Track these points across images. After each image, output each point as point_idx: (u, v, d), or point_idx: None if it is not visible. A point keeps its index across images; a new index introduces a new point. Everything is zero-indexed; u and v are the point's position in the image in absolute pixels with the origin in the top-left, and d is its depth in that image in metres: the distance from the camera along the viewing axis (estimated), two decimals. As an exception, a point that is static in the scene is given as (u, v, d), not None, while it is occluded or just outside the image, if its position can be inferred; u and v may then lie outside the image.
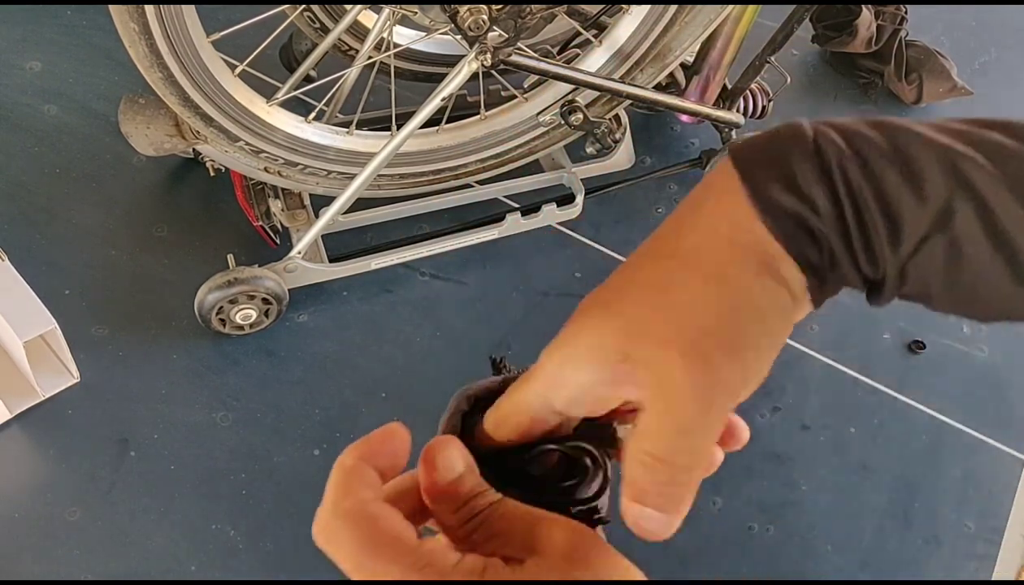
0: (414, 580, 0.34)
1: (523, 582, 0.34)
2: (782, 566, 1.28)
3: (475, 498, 0.38)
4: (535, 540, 0.35)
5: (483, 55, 1.20)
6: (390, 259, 1.41)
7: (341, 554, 0.36)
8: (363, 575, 0.35)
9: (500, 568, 0.34)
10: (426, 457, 0.38)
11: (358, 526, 0.36)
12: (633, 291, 0.38)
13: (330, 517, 0.37)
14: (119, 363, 1.32)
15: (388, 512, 0.36)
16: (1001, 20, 2.02)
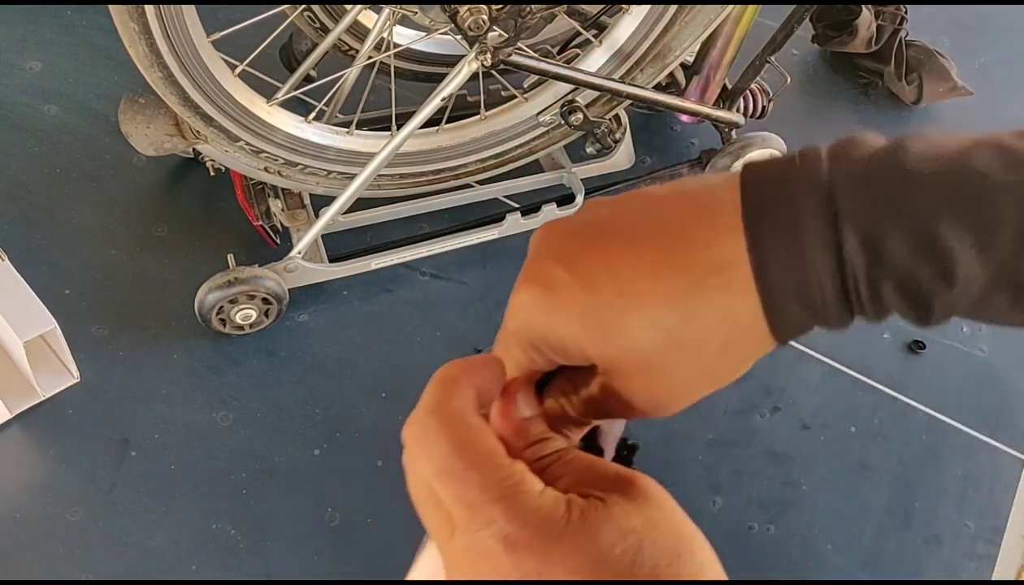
0: (497, 495, 0.34)
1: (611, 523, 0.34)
2: (782, 566, 1.28)
3: (544, 441, 0.38)
4: (611, 483, 0.36)
5: (483, 55, 1.20)
6: (390, 259, 1.41)
7: (431, 454, 0.35)
8: (447, 479, 0.35)
9: (582, 503, 0.35)
10: (508, 390, 0.39)
11: (455, 429, 0.35)
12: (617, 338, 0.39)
13: (427, 416, 0.36)
14: (119, 363, 1.32)
15: (484, 426, 0.36)
16: (1001, 20, 2.02)
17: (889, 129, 1.79)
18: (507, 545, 0.33)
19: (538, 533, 0.33)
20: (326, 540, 1.22)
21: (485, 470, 0.34)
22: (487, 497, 0.34)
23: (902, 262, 0.36)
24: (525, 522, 0.33)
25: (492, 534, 0.33)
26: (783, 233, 0.37)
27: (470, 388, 0.37)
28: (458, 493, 0.34)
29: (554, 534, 0.33)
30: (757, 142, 1.52)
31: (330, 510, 1.24)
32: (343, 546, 1.22)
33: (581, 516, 0.34)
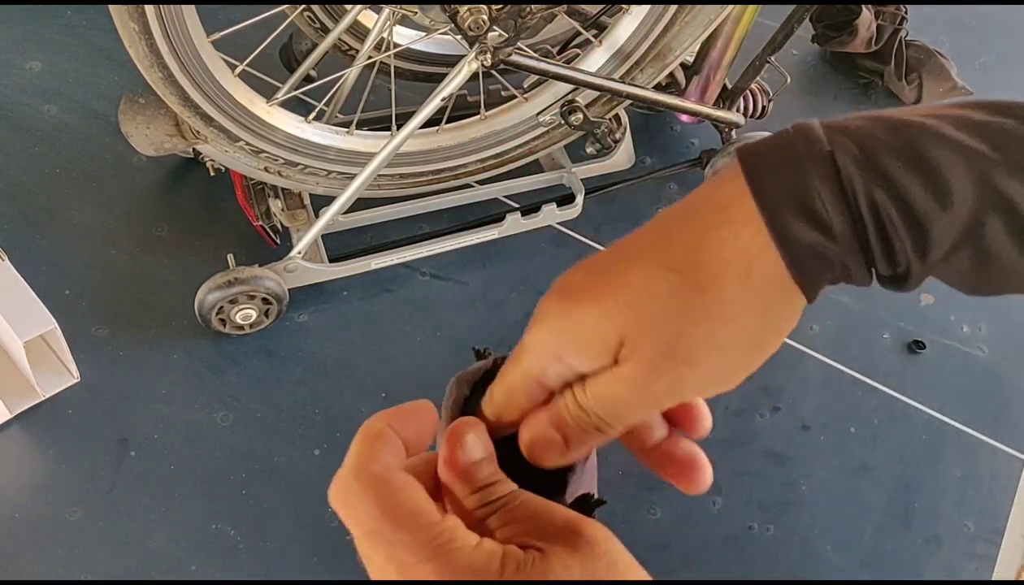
0: (428, 555, 0.33)
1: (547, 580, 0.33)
2: (782, 566, 1.28)
3: (493, 485, 0.37)
4: (555, 532, 0.35)
5: (483, 55, 1.20)
6: (390, 259, 1.41)
7: (357, 518, 0.35)
8: (376, 543, 0.34)
9: (519, 555, 0.34)
10: (452, 434, 0.38)
11: (380, 491, 0.35)
12: (630, 292, 0.38)
13: (351, 479, 0.35)
14: (119, 363, 1.32)
15: (412, 483, 0.35)
16: (1001, 20, 2.02)
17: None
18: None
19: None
20: (326, 540, 1.22)
21: (414, 530, 0.34)
22: (417, 557, 0.33)
23: (896, 177, 0.36)
24: (458, 579, 0.33)
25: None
26: (780, 164, 0.37)
27: (395, 441, 0.37)
28: (388, 555, 0.34)
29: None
30: (757, 142, 1.51)
31: (330, 510, 1.24)
32: (343, 546, 1.22)
33: (517, 570, 0.33)
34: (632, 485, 1.29)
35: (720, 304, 0.37)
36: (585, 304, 0.39)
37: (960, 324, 1.54)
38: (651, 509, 1.29)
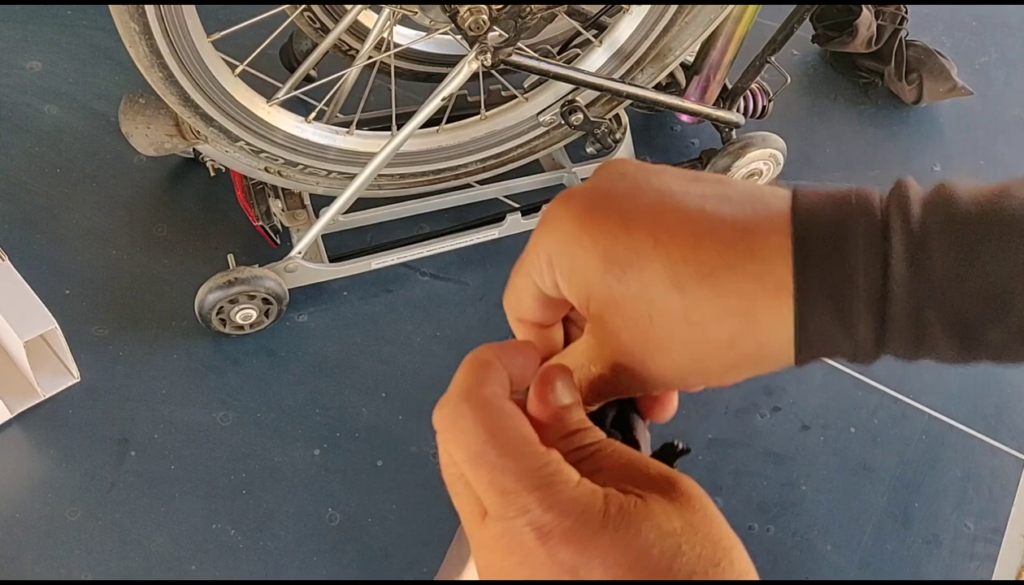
0: (533, 484, 0.32)
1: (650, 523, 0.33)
2: (782, 566, 1.28)
3: (584, 430, 0.37)
4: (651, 481, 0.34)
5: (483, 55, 1.20)
6: (390, 259, 1.41)
7: (462, 439, 0.34)
8: (480, 467, 0.33)
9: (621, 497, 0.33)
10: (545, 376, 0.37)
11: (490, 415, 0.34)
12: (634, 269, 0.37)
13: (459, 400, 0.34)
14: (119, 363, 1.32)
15: (519, 413, 0.35)
16: (1001, 20, 2.02)
17: (889, 129, 1.79)
18: (541, 535, 0.32)
19: (575, 524, 0.32)
20: (326, 540, 1.22)
21: (520, 457, 0.33)
22: (522, 485, 0.33)
23: (948, 274, 0.34)
24: (562, 512, 0.32)
25: (527, 522, 0.32)
26: (829, 240, 0.35)
27: (502, 372, 0.36)
28: (492, 480, 0.33)
29: (592, 527, 0.32)
30: (757, 142, 1.52)
31: (330, 510, 1.24)
32: (343, 546, 1.22)
33: (620, 512, 0.33)
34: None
35: (700, 344, 0.36)
36: (586, 239, 0.37)
37: (960, 324, 1.54)
38: (651, 509, 1.29)
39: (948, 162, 1.75)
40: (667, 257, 0.36)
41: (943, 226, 0.34)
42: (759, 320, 0.35)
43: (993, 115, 1.84)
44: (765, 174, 1.57)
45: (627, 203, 0.37)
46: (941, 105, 1.82)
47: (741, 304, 0.35)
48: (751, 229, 0.36)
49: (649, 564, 0.32)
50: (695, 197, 0.37)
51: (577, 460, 0.35)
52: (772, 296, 0.35)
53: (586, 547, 0.32)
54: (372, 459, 1.29)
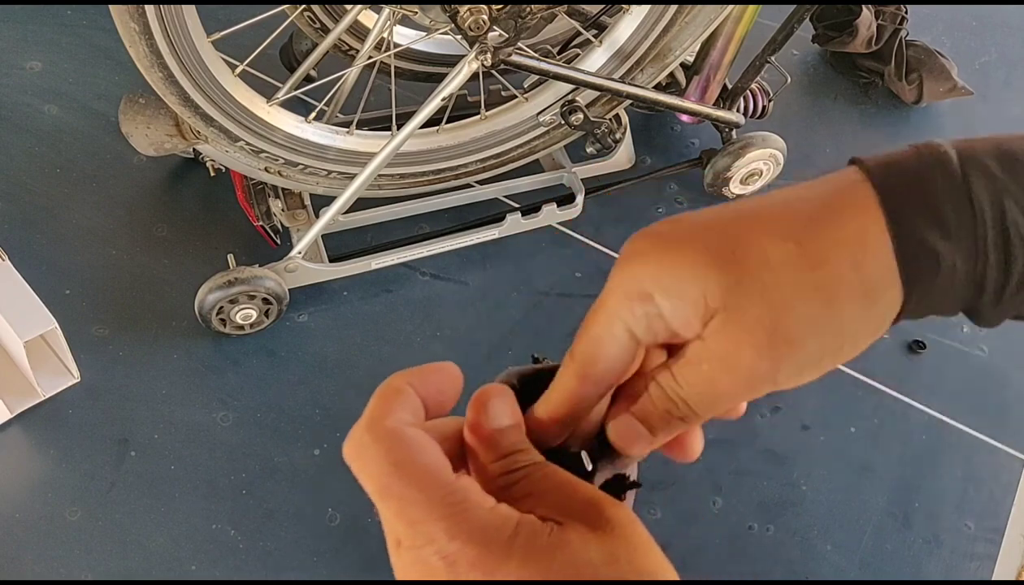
0: (440, 514, 0.32)
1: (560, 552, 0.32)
2: (782, 566, 1.28)
3: (518, 453, 0.36)
4: (578, 508, 0.34)
5: (483, 55, 1.20)
6: (390, 259, 1.41)
7: (368, 473, 0.34)
8: (387, 499, 0.33)
9: (536, 524, 0.33)
10: (478, 399, 0.37)
11: (393, 446, 0.34)
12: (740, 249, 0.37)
13: (364, 432, 0.34)
14: (119, 363, 1.32)
15: (425, 440, 0.35)
16: (1001, 20, 2.02)
17: (889, 129, 1.79)
18: (448, 563, 0.32)
19: (482, 552, 0.32)
20: (326, 540, 1.22)
21: (425, 487, 0.33)
22: (428, 515, 0.33)
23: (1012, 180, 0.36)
24: (468, 540, 0.32)
25: (434, 552, 0.32)
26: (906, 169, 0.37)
27: (414, 399, 0.36)
28: (399, 510, 0.33)
29: (499, 554, 0.32)
30: (757, 142, 1.52)
31: (330, 510, 1.24)
32: (343, 546, 1.22)
33: (530, 538, 0.32)
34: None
35: (830, 285, 0.36)
36: (687, 250, 0.36)
37: (960, 324, 1.54)
38: (651, 509, 1.29)
39: (948, 162, 1.75)
40: (773, 231, 0.36)
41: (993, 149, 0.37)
42: (869, 247, 0.36)
43: (993, 115, 1.84)
44: (765, 174, 1.57)
45: (709, 219, 0.38)
46: (941, 105, 1.82)
47: (852, 234, 0.36)
48: (837, 191, 0.37)
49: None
50: (766, 197, 0.38)
51: (508, 484, 0.35)
52: (878, 226, 0.36)
53: (493, 573, 0.32)
54: (372, 459, 1.29)
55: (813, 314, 0.36)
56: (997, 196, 0.36)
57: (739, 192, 1.59)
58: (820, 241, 0.36)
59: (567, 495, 0.35)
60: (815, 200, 0.37)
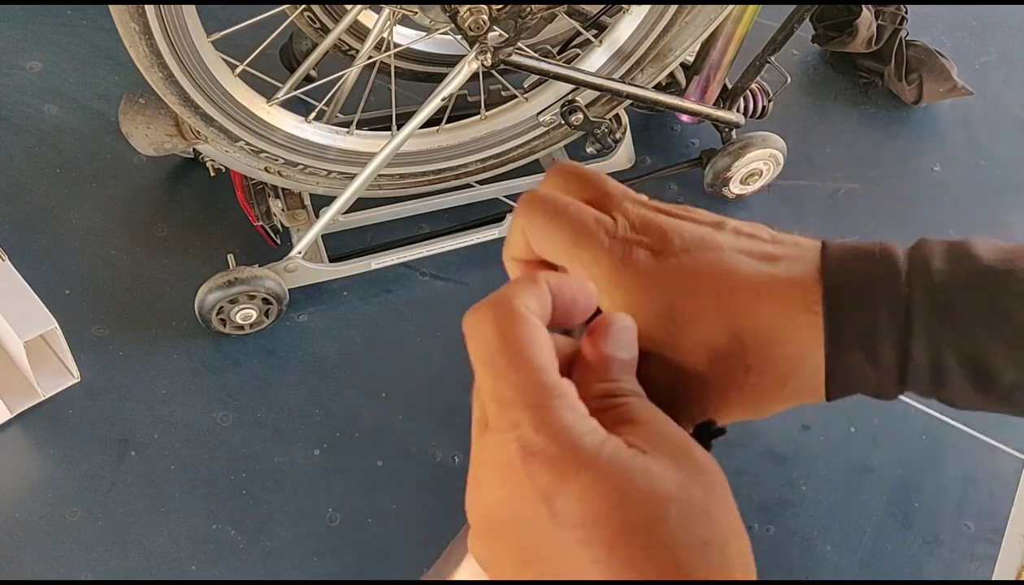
0: (529, 401, 0.31)
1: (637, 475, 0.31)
2: (782, 566, 1.28)
3: (627, 382, 0.35)
4: (666, 444, 0.33)
5: (483, 55, 1.20)
6: (390, 259, 1.41)
7: (479, 343, 0.33)
8: (487, 372, 0.32)
9: (622, 445, 0.32)
10: (603, 320, 0.36)
11: (509, 324, 0.33)
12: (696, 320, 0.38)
13: (488, 304, 0.33)
14: (119, 363, 1.32)
15: (544, 333, 0.33)
16: (1001, 20, 2.02)
17: (889, 129, 1.79)
18: (526, 454, 0.31)
19: (562, 452, 0.31)
20: (326, 540, 1.22)
21: (527, 372, 0.32)
22: (520, 400, 0.31)
23: (969, 330, 0.38)
24: (552, 436, 0.31)
25: (515, 438, 0.31)
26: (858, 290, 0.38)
27: (546, 294, 0.34)
28: (494, 389, 0.32)
29: (579, 460, 0.31)
30: (757, 142, 1.52)
31: (330, 510, 1.24)
32: (343, 546, 1.22)
33: (613, 455, 0.31)
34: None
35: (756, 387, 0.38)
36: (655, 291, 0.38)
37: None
38: (651, 509, 1.29)
39: (948, 162, 1.75)
40: (726, 315, 0.38)
41: (964, 277, 0.37)
42: (806, 363, 0.38)
43: (993, 115, 1.83)
44: (765, 174, 1.57)
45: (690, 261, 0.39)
46: (941, 105, 1.82)
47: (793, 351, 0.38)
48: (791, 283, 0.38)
49: (628, 516, 0.30)
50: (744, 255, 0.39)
51: (605, 407, 0.34)
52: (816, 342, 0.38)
53: (567, 478, 0.31)
54: (372, 459, 1.29)
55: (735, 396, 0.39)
56: (932, 338, 0.37)
57: (739, 192, 1.59)
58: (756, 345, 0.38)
59: (661, 432, 0.34)
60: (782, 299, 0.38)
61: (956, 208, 1.69)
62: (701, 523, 0.32)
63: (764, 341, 0.38)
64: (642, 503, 0.31)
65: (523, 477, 0.31)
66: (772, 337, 0.38)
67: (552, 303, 0.34)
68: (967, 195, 1.71)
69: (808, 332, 0.38)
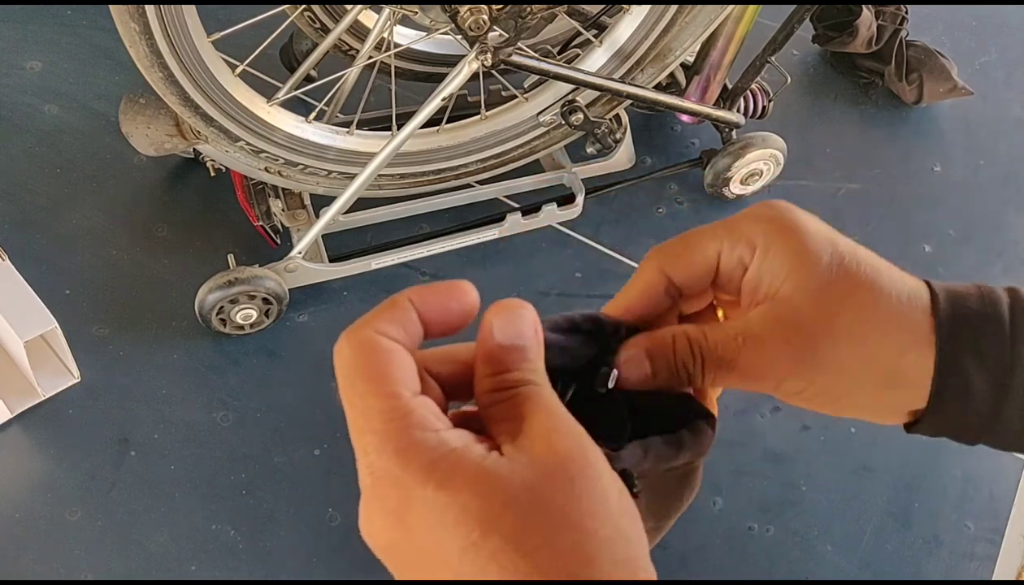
0: (378, 426, 0.32)
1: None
2: (782, 566, 1.28)
3: (519, 370, 0.35)
4: (536, 434, 0.33)
5: (483, 55, 1.20)
6: (390, 259, 1.41)
7: (338, 375, 0.34)
8: (345, 405, 0.33)
9: (472, 450, 0.32)
10: (501, 307, 0.36)
11: (359, 353, 0.33)
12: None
13: (343, 337, 0.34)
14: (119, 363, 1.32)
15: (399, 355, 0.33)
16: (1001, 20, 2.02)
17: (889, 129, 1.79)
18: (374, 479, 0.32)
19: (402, 472, 0.31)
20: (326, 540, 1.22)
21: (373, 399, 0.32)
22: (367, 426, 0.32)
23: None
24: (393, 457, 0.31)
25: (366, 465, 0.32)
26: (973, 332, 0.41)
27: (408, 314, 0.34)
28: (349, 418, 0.33)
29: (418, 477, 0.31)
30: (757, 142, 1.52)
31: (330, 510, 1.24)
32: (343, 546, 1.22)
33: (457, 462, 0.31)
34: (632, 485, 1.30)
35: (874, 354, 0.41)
36: (811, 247, 0.41)
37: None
38: (651, 509, 1.29)
39: (948, 162, 1.75)
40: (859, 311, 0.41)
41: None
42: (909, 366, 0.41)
43: (993, 115, 1.84)
44: (765, 174, 1.57)
45: (844, 244, 0.42)
46: (941, 105, 1.82)
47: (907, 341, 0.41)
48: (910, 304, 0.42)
49: (473, 521, 0.30)
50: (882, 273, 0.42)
51: (492, 402, 0.34)
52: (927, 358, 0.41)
53: (410, 495, 0.31)
54: (372, 459, 1.29)
55: (849, 365, 0.41)
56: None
57: (739, 192, 1.59)
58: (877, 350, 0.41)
59: (534, 429, 0.33)
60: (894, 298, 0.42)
61: (956, 208, 1.69)
62: (548, 520, 0.31)
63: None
64: (475, 508, 0.31)
65: (376, 502, 0.32)
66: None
67: (422, 316, 0.35)
68: (967, 195, 1.71)
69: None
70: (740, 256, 0.41)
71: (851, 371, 0.41)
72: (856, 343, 0.40)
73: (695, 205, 1.61)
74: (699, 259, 0.42)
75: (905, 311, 0.41)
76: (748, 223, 0.42)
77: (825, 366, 0.41)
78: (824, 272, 0.40)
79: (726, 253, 0.42)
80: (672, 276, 0.42)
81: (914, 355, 0.41)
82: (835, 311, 0.40)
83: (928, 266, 1.58)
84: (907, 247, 1.63)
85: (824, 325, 0.40)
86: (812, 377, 0.41)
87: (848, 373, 0.41)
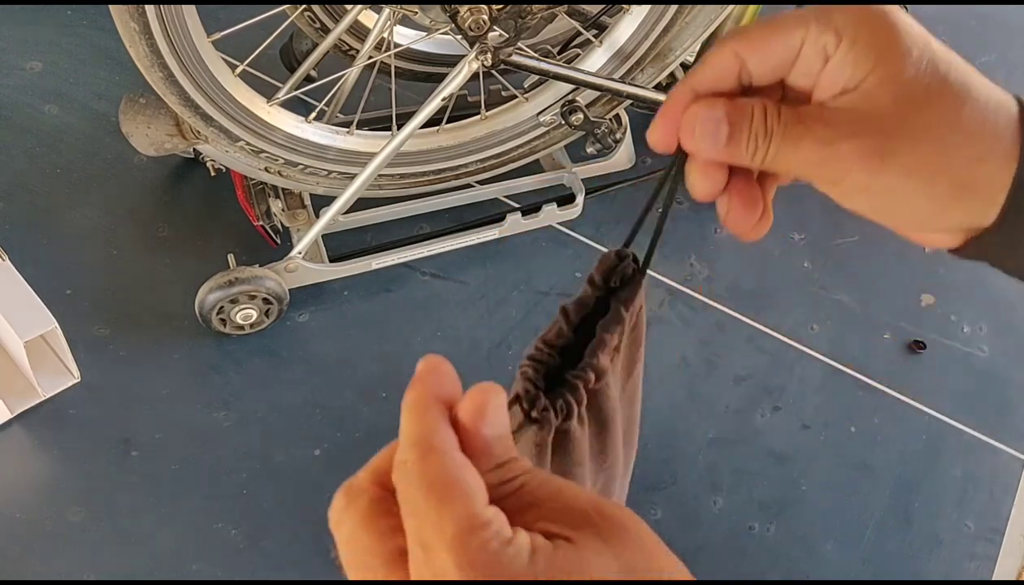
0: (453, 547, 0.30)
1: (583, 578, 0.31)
2: (782, 566, 1.28)
3: (512, 461, 0.35)
4: (582, 517, 0.32)
5: (483, 55, 1.20)
6: (390, 259, 1.41)
7: (400, 489, 0.33)
8: (410, 517, 0.32)
9: (549, 548, 0.31)
10: (476, 404, 0.35)
11: (430, 466, 0.33)
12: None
13: (408, 448, 0.34)
14: (120, 363, 1.32)
15: (467, 465, 0.33)
16: (1001, 20, 2.02)
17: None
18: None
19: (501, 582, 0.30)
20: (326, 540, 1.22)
21: (448, 511, 0.31)
22: (442, 542, 0.31)
23: None
24: (485, 571, 0.30)
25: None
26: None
27: (444, 413, 0.35)
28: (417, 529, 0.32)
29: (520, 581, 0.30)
30: (757, 142, 1.52)
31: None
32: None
33: (548, 565, 0.30)
34: (633, 485, 1.29)
35: (949, 163, 0.40)
36: (901, 41, 0.40)
37: (960, 324, 1.54)
38: (652, 509, 1.29)
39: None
40: (943, 113, 0.39)
41: None
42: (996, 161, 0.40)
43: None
44: (765, 174, 1.57)
45: (938, 49, 0.41)
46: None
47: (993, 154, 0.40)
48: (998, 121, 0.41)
49: None
50: (973, 79, 0.41)
51: (505, 495, 0.34)
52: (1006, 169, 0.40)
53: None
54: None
55: (921, 167, 0.40)
56: None
57: (739, 192, 1.59)
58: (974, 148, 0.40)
59: (568, 506, 0.33)
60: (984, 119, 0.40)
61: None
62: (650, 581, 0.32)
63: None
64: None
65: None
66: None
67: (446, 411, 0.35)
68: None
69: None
70: (825, 45, 0.40)
71: (922, 173, 0.40)
72: (934, 143, 0.39)
73: (695, 205, 1.60)
74: (780, 45, 0.41)
75: (991, 118, 0.40)
76: (840, 13, 0.40)
77: (897, 165, 0.40)
78: (912, 70, 0.39)
79: (810, 41, 0.40)
80: (748, 61, 0.41)
81: (992, 166, 0.39)
82: (917, 110, 0.39)
83: (928, 264, 1.58)
84: (908, 245, 1.63)
85: (903, 122, 0.39)
86: (880, 174, 0.40)
87: (918, 174, 0.40)
